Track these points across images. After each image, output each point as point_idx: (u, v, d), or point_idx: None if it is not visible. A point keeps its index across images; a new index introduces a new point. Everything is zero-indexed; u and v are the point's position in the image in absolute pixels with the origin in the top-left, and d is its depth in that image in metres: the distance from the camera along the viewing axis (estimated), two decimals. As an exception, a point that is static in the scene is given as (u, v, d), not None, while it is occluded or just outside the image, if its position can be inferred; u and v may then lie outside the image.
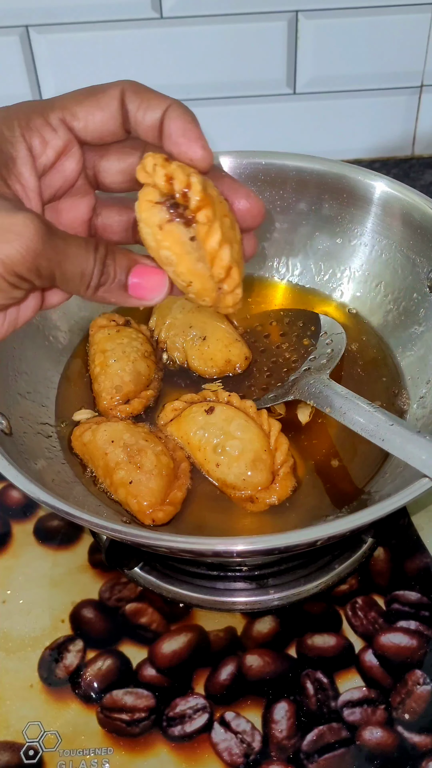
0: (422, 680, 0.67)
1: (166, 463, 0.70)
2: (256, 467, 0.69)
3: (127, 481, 0.68)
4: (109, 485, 0.70)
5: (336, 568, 0.73)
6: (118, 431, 0.72)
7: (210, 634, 0.70)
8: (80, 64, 1.08)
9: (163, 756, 0.64)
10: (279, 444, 0.71)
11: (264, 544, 0.57)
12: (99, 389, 0.78)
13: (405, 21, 1.06)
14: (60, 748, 0.64)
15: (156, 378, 0.80)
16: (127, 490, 0.68)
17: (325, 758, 0.63)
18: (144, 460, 0.69)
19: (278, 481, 0.70)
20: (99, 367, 0.79)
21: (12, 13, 1.03)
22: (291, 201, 0.88)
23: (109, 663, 0.69)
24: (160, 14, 1.04)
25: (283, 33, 1.06)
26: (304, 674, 0.68)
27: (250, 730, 0.65)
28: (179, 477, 0.71)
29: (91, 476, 0.72)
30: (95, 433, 0.72)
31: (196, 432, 0.72)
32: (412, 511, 0.78)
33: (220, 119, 1.14)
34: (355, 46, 1.08)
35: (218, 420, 0.72)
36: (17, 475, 0.61)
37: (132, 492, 0.68)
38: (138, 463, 0.69)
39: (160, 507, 0.68)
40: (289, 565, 0.72)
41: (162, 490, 0.69)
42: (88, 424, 0.74)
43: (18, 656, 0.70)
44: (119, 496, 0.69)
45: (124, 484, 0.68)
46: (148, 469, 0.69)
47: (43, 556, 0.76)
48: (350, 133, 1.17)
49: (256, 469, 0.69)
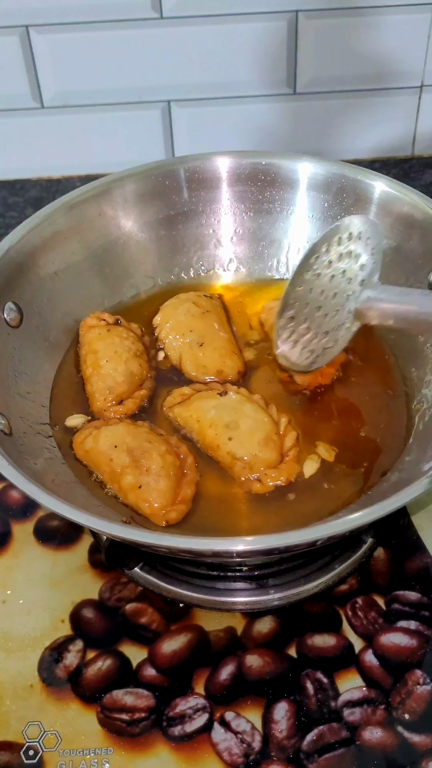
0: (422, 680, 0.67)
1: (172, 462, 0.70)
2: (267, 445, 0.70)
3: (136, 485, 0.68)
4: (118, 490, 0.70)
5: (336, 568, 0.72)
6: (120, 435, 0.71)
7: (210, 634, 0.70)
8: (80, 64, 1.08)
9: (163, 756, 0.64)
10: (288, 431, 0.73)
11: (264, 544, 0.57)
12: (92, 390, 0.78)
13: (405, 21, 1.06)
14: (60, 748, 0.64)
15: (149, 377, 0.80)
16: (137, 495, 0.68)
17: (325, 758, 0.63)
18: (150, 463, 0.69)
19: (286, 462, 0.71)
20: (91, 368, 0.78)
21: (12, 13, 1.03)
22: (291, 201, 0.88)
23: (109, 663, 0.69)
24: (160, 14, 1.04)
25: (283, 33, 1.06)
26: (304, 674, 0.68)
27: (250, 730, 0.65)
28: (186, 474, 0.71)
29: (97, 481, 0.72)
30: (97, 439, 0.72)
31: (209, 410, 0.73)
32: (412, 511, 0.78)
33: (220, 119, 1.14)
34: (355, 46, 1.08)
35: (231, 402, 0.74)
36: (17, 475, 0.61)
37: (142, 496, 0.68)
38: (144, 466, 0.69)
39: (173, 507, 0.68)
40: (289, 565, 0.72)
41: (172, 490, 0.69)
42: (88, 429, 0.74)
43: (18, 656, 0.70)
44: (129, 500, 0.69)
45: (134, 489, 0.69)
46: (156, 471, 0.69)
47: (43, 556, 0.76)
48: (350, 133, 1.17)
49: (267, 447, 0.70)
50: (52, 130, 1.14)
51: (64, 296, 0.83)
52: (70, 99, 1.11)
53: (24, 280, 0.79)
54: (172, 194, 0.89)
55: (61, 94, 1.11)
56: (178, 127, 1.15)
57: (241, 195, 0.89)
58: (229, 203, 0.90)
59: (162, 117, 1.14)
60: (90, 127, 1.14)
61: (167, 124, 1.14)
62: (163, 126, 1.15)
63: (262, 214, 0.90)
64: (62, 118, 1.13)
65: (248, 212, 0.90)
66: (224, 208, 0.90)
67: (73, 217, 0.84)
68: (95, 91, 1.11)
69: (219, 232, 0.91)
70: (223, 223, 0.91)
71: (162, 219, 0.89)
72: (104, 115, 1.13)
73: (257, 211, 0.90)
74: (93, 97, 1.11)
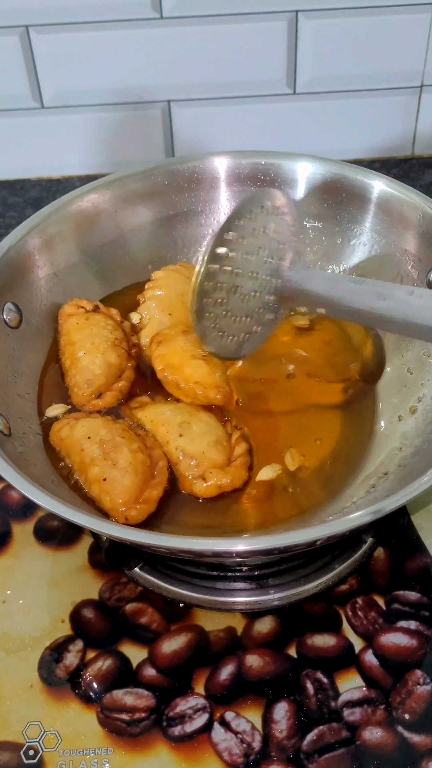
0: (422, 680, 0.67)
1: (142, 460, 0.69)
2: (215, 447, 0.71)
3: (101, 477, 0.67)
4: (84, 481, 0.69)
5: (336, 568, 0.73)
6: (96, 427, 0.71)
7: (210, 634, 0.70)
8: (80, 64, 1.08)
9: (163, 756, 0.64)
10: (239, 441, 0.73)
11: (264, 544, 0.57)
12: (71, 383, 0.77)
13: (405, 21, 1.06)
14: (60, 748, 0.64)
15: (129, 367, 0.78)
16: (100, 487, 0.67)
17: (325, 758, 0.63)
18: (119, 456, 0.68)
19: (234, 465, 0.71)
20: (69, 360, 0.77)
21: (12, 13, 1.03)
22: (290, 201, 0.88)
23: (109, 663, 0.69)
24: (160, 14, 1.04)
25: (283, 33, 1.06)
26: (304, 674, 0.68)
27: (250, 730, 0.65)
28: (156, 476, 0.70)
29: (66, 469, 0.71)
30: (73, 429, 0.71)
31: (164, 412, 0.73)
32: (412, 511, 0.78)
33: (220, 119, 1.14)
34: (355, 46, 1.08)
35: (187, 407, 0.74)
36: (16, 476, 0.61)
37: (105, 489, 0.67)
38: (113, 459, 0.68)
39: (134, 505, 0.67)
40: (289, 565, 0.72)
41: (136, 487, 0.67)
42: (66, 419, 0.74)
43: (18, 656, 0.70)
44: (93, 492, 0.68)
45: (98, 481, 0.67)
46: (123, 466, 0.67)
47: (43, 556, 0.76)
48: (350, 133, 1.17)
49: (215, 450, 0.71)
50: (52, 130, 1.14)
51: (64, 297, 0.83)
52: (70, 99, 1.11)
53: (24, 281, 0.79)
54: (172, 194, 0.89)
55: (61, 94, 1.11)
56: (178, 127, 1.15)
57: (240, 195, 0.89)
58: (228, 203, 0.90)
59: (162, 117, 1.14)
60: (90, 127, 1.14)
61: (167, 124, 1.14)
62: (163, 126, 1.15)
63: (262, 214, 0.90)
64: (62, 118, 1.13)
65: (248, 212, 0.90)
66: (224, 208, 0.90)
67: (73, 218, 0.84)
68: (95, 91, 1.11)
69: (219, 232, 0.91)
70: (223, 223, 0.91)
71: (162, 219, 0.89)
72: (104, 115, 1.13)
73: (257, 211, 0.90)
74: (93, 97, 1.11)
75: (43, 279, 0.81)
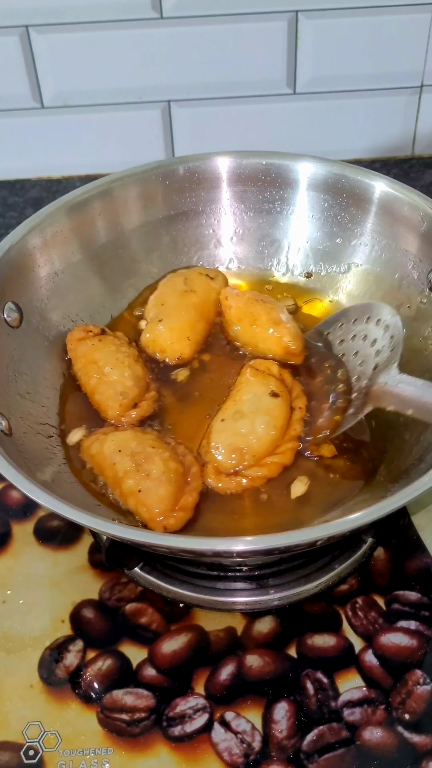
0: (422, 680, 0.67)
1: (175, 468, 0.69)
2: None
3: (136, 489, 0.68)
4: (120, 495, 0.70)
5: (336, 568, 0.72)
6: (125, 440, 0.71)
7: (210, 634, 0.70)
8: (80, 64, 1.08)
9: (163, 756, 0.64)
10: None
11: (264, 544, 0.57)
12: (102, 399, 0.77)
13: (405, 21, 1.06)
14: (60, 748, 0.64)
15: (151, 379, 0.80)
16: (136, 499, 0.68)
17: (325, 758, 0.63)
18: (152, 467, 0.68)
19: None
20: (94, 379, 0.77)
21: (12, 13, 1.03)
22: (291, 201, 0.88)
23: (109, 663, 0.69)
24: (160, 14, 1.04)
25: (283, 33, 1.06)
26: (304, 674, 0.68)
27: (250, 730, 0.65)
28: (190, 482, 0.70)
29: (101, 488, 0.72)
30: (103, 444, 0.71)
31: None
32: (412, 511, 0.78)
33: (220, 119, 1.14)
34: (355, 46, 1.08)
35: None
36: (16, 475, 0.61)
37: (141, 500, 0.67)
38: (146, 470, 0.68)
39: (171, 513, 0.67)
40: (289, 565, 0.72)
41: (172, 496, 0.68)
42: (95, 435, 0.74)
43: (18, 656, 0.70)
44: (129, 505, 0.69)
45: (133, 493, 0.68)
46: (156, 476, 0.68)
47: (43, 556, 0.76)
48: (350, 133, 1.17)
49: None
50: (52, 130, 1.14)
51: (64, 296, 0.83)
52: (70, 99, 1.11)
53: (24, 280, 0.79)
54: (172, 194, 0.89)
55: (61, 94, 1.11)
56: (178, 127, 1.15)
57: (241, 195, 0.89)
58: (229, 203, 0.90)
59: (162, 117, 1.14)
60: (90, 127, 1.14)
61: (167, 124, 1.14)
62: (163, 126, 1.15)
63: (262, 214, 0.90)
64: (62, 118, 1.13)
65: (248, 212, 0.90)
66: (224, 208, 0.90)
67: (73, 217, 0.84)
68: (95, 91, 1.11)
69: (219, 232, 0.91)
70: (223, 223, 0.91)
71: (162, 219, 0.89)
72: (104, 115, 1.13)
73: (257, 211, 0.90)
74: (93, 97, 1.11)
75: (43, 278, 0.81)
